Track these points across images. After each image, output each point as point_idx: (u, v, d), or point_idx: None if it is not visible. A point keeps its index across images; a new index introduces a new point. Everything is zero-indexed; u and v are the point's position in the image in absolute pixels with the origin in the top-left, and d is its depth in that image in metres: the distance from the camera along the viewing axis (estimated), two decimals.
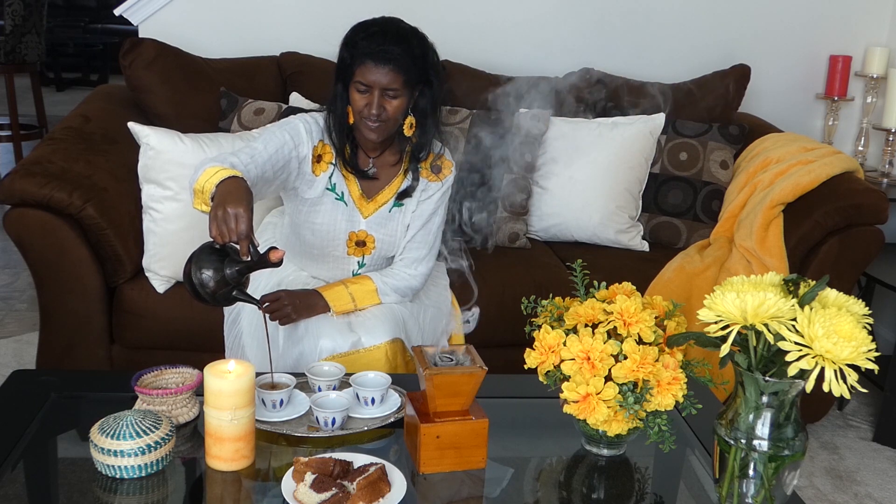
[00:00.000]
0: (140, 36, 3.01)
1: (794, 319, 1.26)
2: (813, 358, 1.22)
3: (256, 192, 1.91)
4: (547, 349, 1.50)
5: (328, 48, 2.86)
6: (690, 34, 3.42)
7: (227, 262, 1.62)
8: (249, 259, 1.62)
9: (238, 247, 1.63)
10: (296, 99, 2.90)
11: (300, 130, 2.01)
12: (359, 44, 1.94)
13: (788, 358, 1.24)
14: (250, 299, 1.69)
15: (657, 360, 1.47)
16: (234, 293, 1.64)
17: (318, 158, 2.05)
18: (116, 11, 3.17)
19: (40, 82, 5.45)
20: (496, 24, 3.32)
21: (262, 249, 1.62)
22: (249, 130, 2.68)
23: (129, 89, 2.84)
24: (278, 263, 1.61)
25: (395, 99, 1.96)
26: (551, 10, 3.34)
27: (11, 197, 2.30)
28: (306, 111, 2.15)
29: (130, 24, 3.17)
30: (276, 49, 3.11)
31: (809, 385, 1.24)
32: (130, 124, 2.45)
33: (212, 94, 2.84)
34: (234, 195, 1.64)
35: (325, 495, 1.35)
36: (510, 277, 2.60)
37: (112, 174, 2.46)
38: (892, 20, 3.52)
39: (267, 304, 1.96)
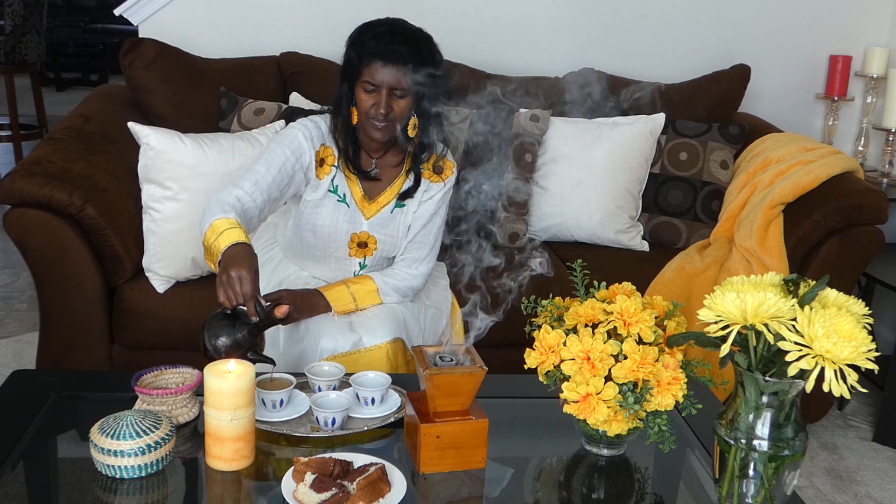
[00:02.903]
0: (140, 36, 3.01)
1: (794, 319, 1.26)
2: (813, 358, 1.22)
3: (267, 212, 1.98)
4: (547, 349, 1.50)
5: (328, 48, 2.86)
6: (690, 34, 3.42)
7: (237, 325, 1.66)
8: (258, 319, 1.66)
9: (246, 309, 1.68)
10: (296, 99, 2.90)
11: (300, 141, 2.01)
12: (367, 43, 1.94)
13: (788, 358, 1.24)
14: (265, 359, 1.71)
15: (657, 360, 1.47)
16: (248, 355, 1.66)
17: (320, 162, 2.05)
18: (116, 11, 3.17)
19: (40, 82, 5.45)
20: (496, 24, 3.32)
21: (267, 307, 1.68)
22: (249, 130, 2.68)
23: (129, 89, 2.84)
24: (285, 319, 1.69)
25: (402, 99, 1.96)
26: (551, 10, 3.34)
27: (11, 197, 2.31)
28: (306, 112, 2.15)
29: (130, 24, 3.18)
30: (276, 49, 3.11)
31: (809, 385, 1.24)
32: (130, 124, 2.45)
33: (212, 94, 2.84)
34: (236, 259, 1.70)
35: (325, 495, 1.35)
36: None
37: (112, 174, 2.46)
38: (892, 20, 3.52)
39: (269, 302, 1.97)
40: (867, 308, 1.32)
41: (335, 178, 2.07)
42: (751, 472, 1.37)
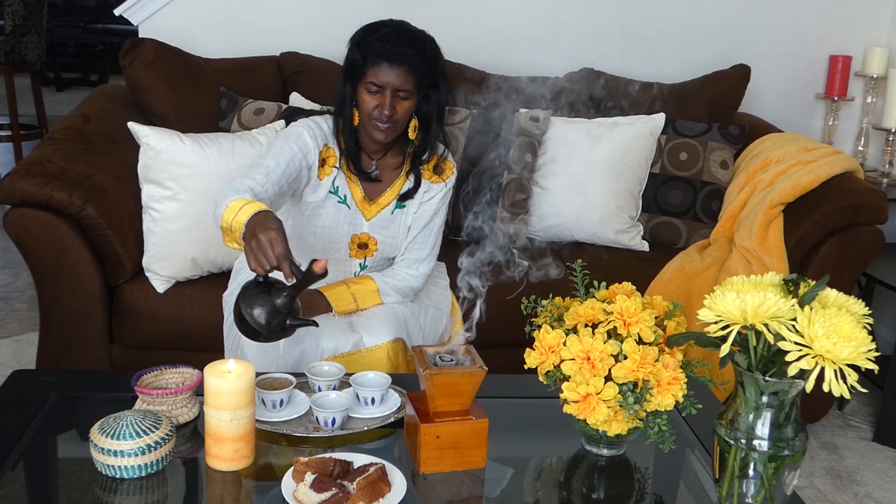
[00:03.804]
0: (140, 36, 3.01)
1: (794, 319, 1.26)
2: (813, 358, 1.22)
3: (276, 207, 1.93)
4: (547, 349, 1.50)
5: (328, 48, 2.87)
6: (690, 34, 3.42)
7: (273, 291, 1.61)
8: (294, 280, 1.60)
9: (280, 276, 1.62)
10: (296, 99, 2.90)
11: (306, 139, 2.01)
12: (372, 44, 1.94)
13: (788, 358, 1.23)
14: (306, 322, 1.67)
15: (657, 360, 1.47)
16: (287, 321, 1.62)
17: (322, 162, 2.05)
18: (116, 11, 3.17)
19: (40, 82, 5.45)
20: (496, 25, 3.32)
21: (303, 266, 1.60)
22: (249, 130, 2.68)
23: (129, 89, 2.84)
24: (324, 273, 1.58)
25: (406, 100, 1.97)
26: (552, 10, 3.34)
27: (11, 197, 2.31)
28: (306, 112, 2.15)
29: (130, 24, 3.18)
30: (276, 49, 3.11)
31: (809, 385, 1.24)
32: (130, 124, 2.46)
33: (212, 94, 2.84)
34: (263, 224, 1.64)
35: (325, 495, 1.35)
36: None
37: (112, 174, 2.46)
38: (892, 20, 3.52)
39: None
40: (867, 308, 1.32)
41: (336, 179, 2.07)
42: (751, 472, 1.37)
